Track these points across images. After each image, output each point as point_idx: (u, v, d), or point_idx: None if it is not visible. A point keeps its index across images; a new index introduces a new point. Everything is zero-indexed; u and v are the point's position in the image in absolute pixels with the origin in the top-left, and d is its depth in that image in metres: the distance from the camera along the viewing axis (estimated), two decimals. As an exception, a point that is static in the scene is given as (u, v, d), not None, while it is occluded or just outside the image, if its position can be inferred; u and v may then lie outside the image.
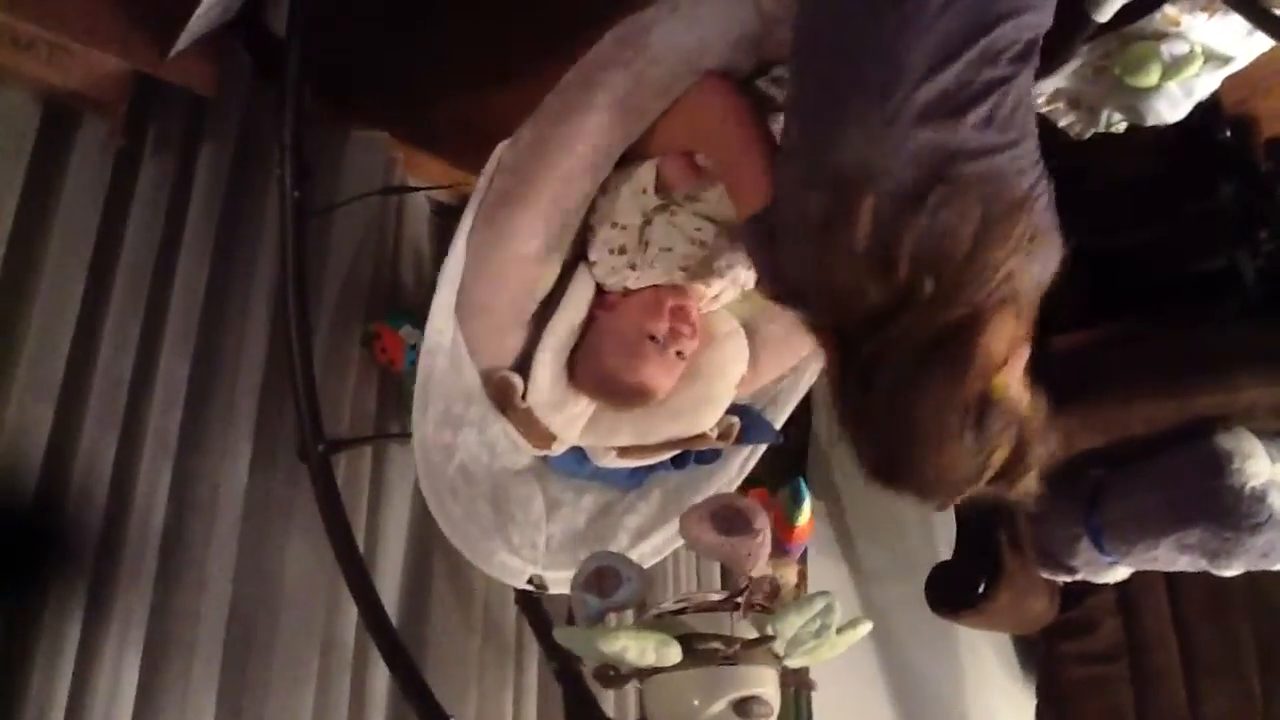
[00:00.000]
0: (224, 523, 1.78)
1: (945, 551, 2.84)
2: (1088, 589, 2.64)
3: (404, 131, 2.28)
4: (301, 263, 1.80)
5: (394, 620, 1.79)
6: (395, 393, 2.13)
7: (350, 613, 1.87)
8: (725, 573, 2.36)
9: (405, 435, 2.07)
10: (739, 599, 1.28)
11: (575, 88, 1.49)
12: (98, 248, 1.79)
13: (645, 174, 1.55)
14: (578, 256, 1.63)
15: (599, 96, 1.46)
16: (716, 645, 1.23)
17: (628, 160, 1.54)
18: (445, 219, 2.41)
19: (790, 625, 1.27)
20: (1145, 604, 2.80)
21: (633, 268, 1.60)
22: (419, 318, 2.08)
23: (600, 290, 1.65)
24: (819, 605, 1.29)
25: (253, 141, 1.99)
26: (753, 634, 1.28)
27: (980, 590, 2.63)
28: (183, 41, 1.74)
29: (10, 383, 1.66)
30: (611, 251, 1.60)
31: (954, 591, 2.71)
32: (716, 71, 1.44)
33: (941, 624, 2.90)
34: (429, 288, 2.26)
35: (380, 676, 1.91)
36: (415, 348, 2.06)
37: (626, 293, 1.63)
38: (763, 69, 1.47)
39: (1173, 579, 2.73)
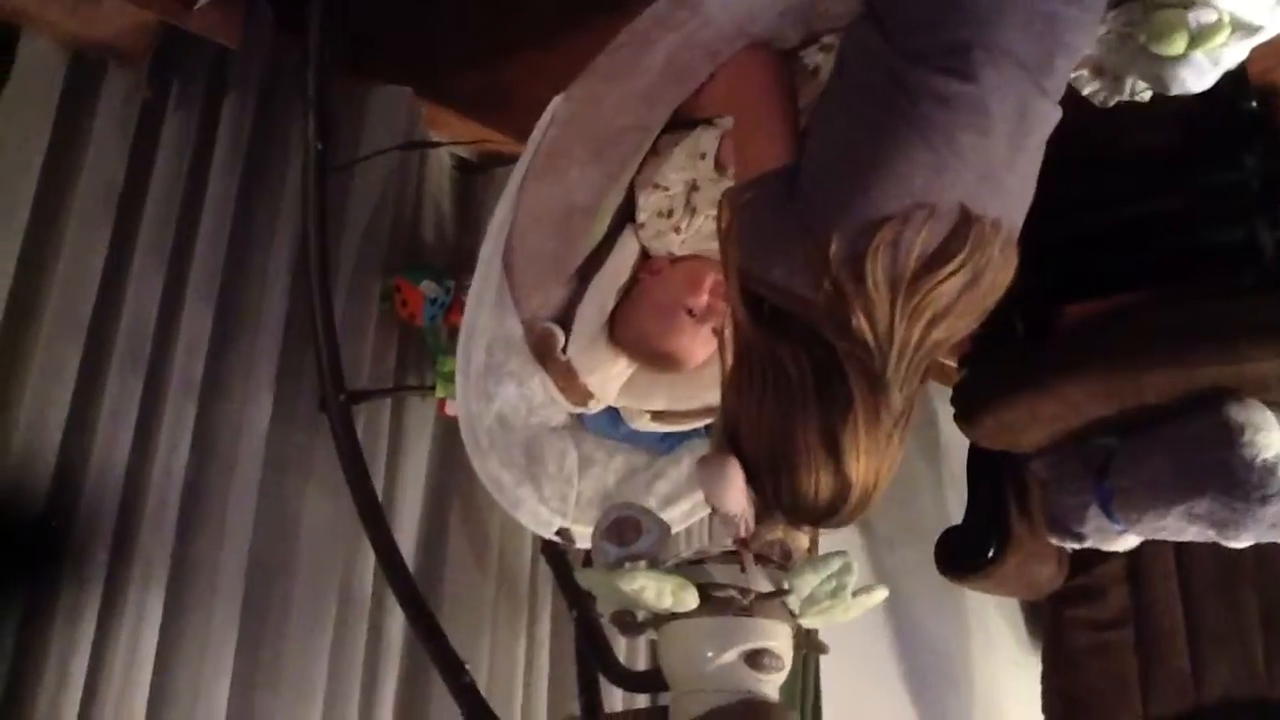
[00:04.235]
0: (245, 470, 1.81)
1: (956, 516, 2.85)
2: (1096, 556, 2.65)
3: (426, 88, 2.28)
4: (323, 215, 1.82)
5: (411, 568, 1.82)
6: (415, 347, 2.15)
7: (368, 562, 1.91)
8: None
9: (425, 388, 2.10)
10: (747, 547, 1.30)
11: (629, 46, 1.50)
12: (123, 196, 1.81)
13: (708, 140, 1.55)
14: (626, 218, 1.64)
15: (652, 56, 1.47)
16: (733, 594, 1.25)
17: (675, 122, 1.55)
18: (467, 175, 2.42)
19: (806, 582, 1.28)
20: (1153, 572, 2.81)
21: (678, 231, 1.60)
22: (439, 272, 2.11)
23: (646, 253, 1.66)
24: (835, 565, 1.30)
25: (276, 94, 2.00)
26: (769, 587, 1.29)
27: (989, 555, 2.65)
28: (209, -8, 1.75)
29: (39, 325, 1.69)
30: (659, 214, 1.61)
31: (963, 556, 2.72)
32: (761, 40, 1.45)
33: (950, 588, 2.91)
34: (450, 243, 2.31)
35: (396, 624, 1.95)
36: (435, 302, 2.08)
37: (672, 259, 1.64)
38: (812, 38, 1.48)
39: (1181, 547, 2.74)
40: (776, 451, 1.21)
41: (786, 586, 1.29)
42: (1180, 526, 2.20)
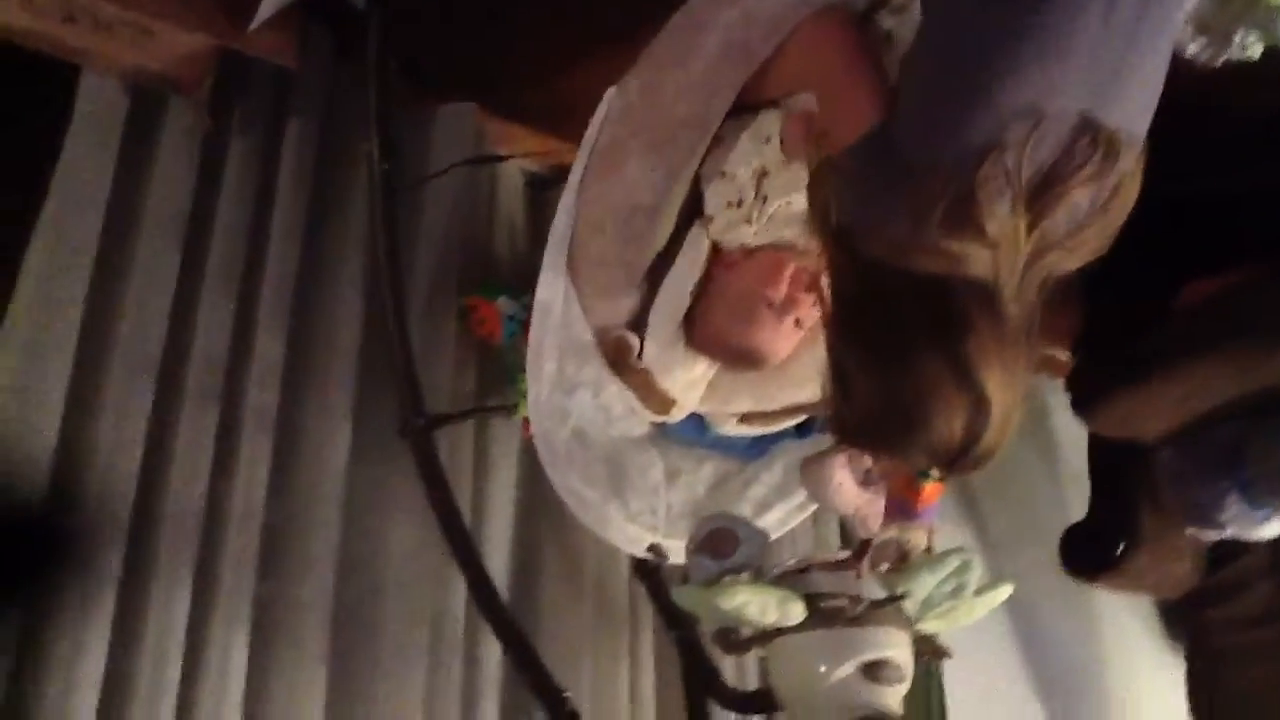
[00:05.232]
0: (326, 502, 1.75)
1: (1076, 512, 2.69)
2: (1237, 548, 2.47)
3: (493, 102, 2.23)
4: (393, 236, 1.78)
5: (504, 595, 1.76)
6: (495, 366, 2.08)
7: (459, 590, 1.83)
8: (845, 535, 2.26)
9: (507, 408, 2.03)
10: (864, 555, 1.21)
11: (683, 29, 1.43)
12: (189, 229, 1.79)
13: (772, 122, 1.46)
14: (693, 213, 1.56)
15: (708, 37, 1.40)
16: (843, 604, 1.15)
17: (740, 108, 1.46)
18: (539, 190, 2.36)
19: (923, 585, 1.21)
20: (1302, 561, 2.62)
21: (749, 222, 1.51)
22: (515, 289, 2.05)
23: (718, 248, 1.58)
24: (954, 564, 1.23)
25: (339, 115, 1.96)
26: (882, 594, 1.19)
27: (1117, 552, 2.48)
28: (263, 13, 1.72)
29: (110, 366, 1.66)
30: (729, 205, 1.52)
31: (1089, 554, 2.56)
32: (828, 7, 1.36)
33: (1077, 589, 2.75)
34: (524, 259, 2.26)
35: (492, 653, 1.87)
36: (513, 318, 2.01)
37: (747, 252, 1.55)
38: (883, 0, 1.38)
39: (1331, 530, 2.53)
40: (902, 395, 1.11)
41: (901, 591, 1.19)
42: (1332, 509, 2.03)
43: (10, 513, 1.55)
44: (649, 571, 1.80)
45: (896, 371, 1.11)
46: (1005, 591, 1.26)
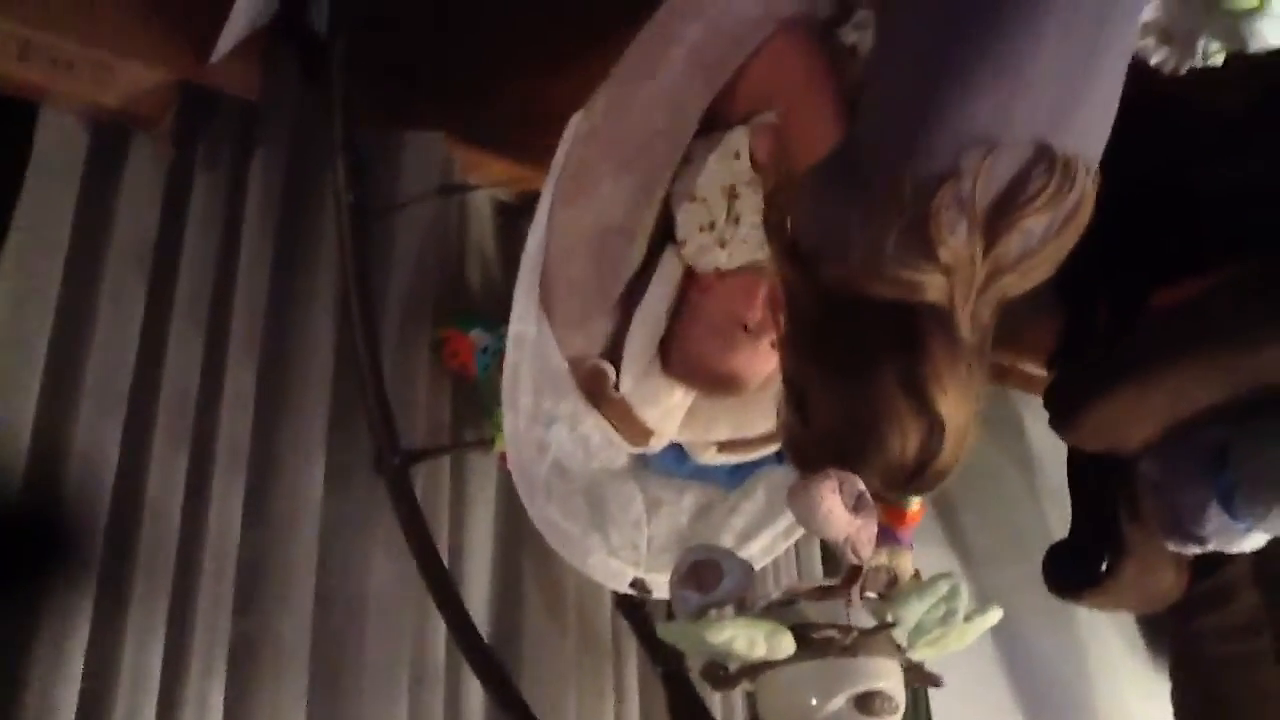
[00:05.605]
0: (302, 540, 1.72)
1: (1057, 530, 2.69)
2: (1219, 559, 2.46)
3: (461, 129, 2.21)
4: (363, 267, 1.76)
5: (485, 632, 1.73)
6: (470, 400, 2.05)
7: (440, 627, 1.79)
8: (829, 564, 2.24)
9: (484, 443, 2.00)
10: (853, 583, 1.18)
11: (650, 43, 1.43)
12: (155, 265, 1.77)
13: (738, 138, 1.46)
14: (665, 237, 1.55)
15: (675, 50, 1.40)
16: (832, 635, 1.13)
17: (710, 126, 1.45)
18: (509, 218, 2.34)
19: (913, 612, 1.19)
20: (1284, 572, 2.61)
21: (722, 245, 1.50)
22: (489, 320, 2.02)
23: (691, 272, 1.56)
24: (943, 589, 1.20)
25: (306, 145, 1.93)
26: (871, 623, 1.17)
27: (1102, 569, 2.47)
28: (223, 45, 1.70)
29: (77, 404, 1.64)
30: (701, 229, 1.50)
31: (1074, 572, 2.55)
32: (791, 22, 1.35)
33: (1059, 607, 2.74)
34: (497, 289, 2.23)
35: (475, 691, 1.83)
36: (488, 350, 1.99)
37: (720, 275, 1.54)
38: (846, 14, 1.38)
39: (1314, 540, 2.54)
40: (857, 416, 1.11)
41: (891, 619, 1.17)
42: (1315, 520, 2.02)
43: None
44: (633, 606, 1.77)
45: (852, 392, 1.11)
46: (995, 616, 1.24)
